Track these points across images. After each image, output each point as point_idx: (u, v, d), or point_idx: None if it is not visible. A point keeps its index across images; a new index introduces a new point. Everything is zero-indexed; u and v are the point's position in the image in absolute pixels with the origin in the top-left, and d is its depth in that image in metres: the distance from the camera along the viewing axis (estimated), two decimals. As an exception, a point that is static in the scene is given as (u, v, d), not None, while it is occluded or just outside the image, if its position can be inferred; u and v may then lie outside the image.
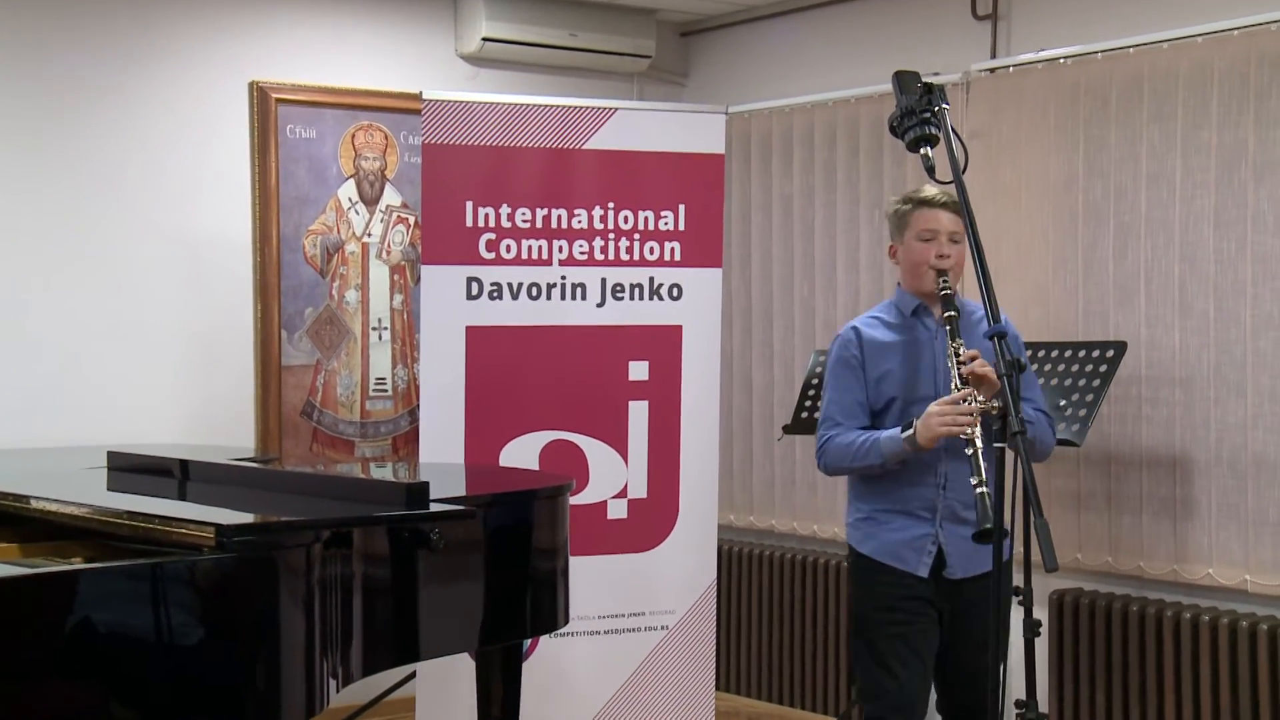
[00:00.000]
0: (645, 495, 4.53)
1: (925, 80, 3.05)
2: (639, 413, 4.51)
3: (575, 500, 3.87)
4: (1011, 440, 2.69)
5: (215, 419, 4.89)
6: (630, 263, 4.50)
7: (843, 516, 5.09)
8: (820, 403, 3.65)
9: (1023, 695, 2.86)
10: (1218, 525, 4.18)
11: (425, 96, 4.34)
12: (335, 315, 5.12)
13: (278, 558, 2.54)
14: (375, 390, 5.21)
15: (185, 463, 3.46)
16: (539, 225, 4.43)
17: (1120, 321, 4.39)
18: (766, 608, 5.38)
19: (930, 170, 2.97)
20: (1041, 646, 4.36)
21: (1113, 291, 4.41)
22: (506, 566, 3.24)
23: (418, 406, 4.79)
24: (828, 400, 3.55)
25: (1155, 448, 4.32)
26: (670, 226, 4.53)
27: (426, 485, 2.97)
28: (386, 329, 5.21)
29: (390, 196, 5.23)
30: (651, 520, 4.53)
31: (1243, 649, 4.04)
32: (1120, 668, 4.30)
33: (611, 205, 4.48)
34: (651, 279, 4.53)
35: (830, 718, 5.14)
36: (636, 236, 4.50)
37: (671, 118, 4.59)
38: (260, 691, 2.51)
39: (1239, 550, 4.14)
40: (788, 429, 4.87)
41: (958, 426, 3.21)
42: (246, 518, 2.76)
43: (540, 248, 4.43)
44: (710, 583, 4.63)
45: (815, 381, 4.71)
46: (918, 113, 3.00)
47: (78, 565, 2.63)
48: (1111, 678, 4.32)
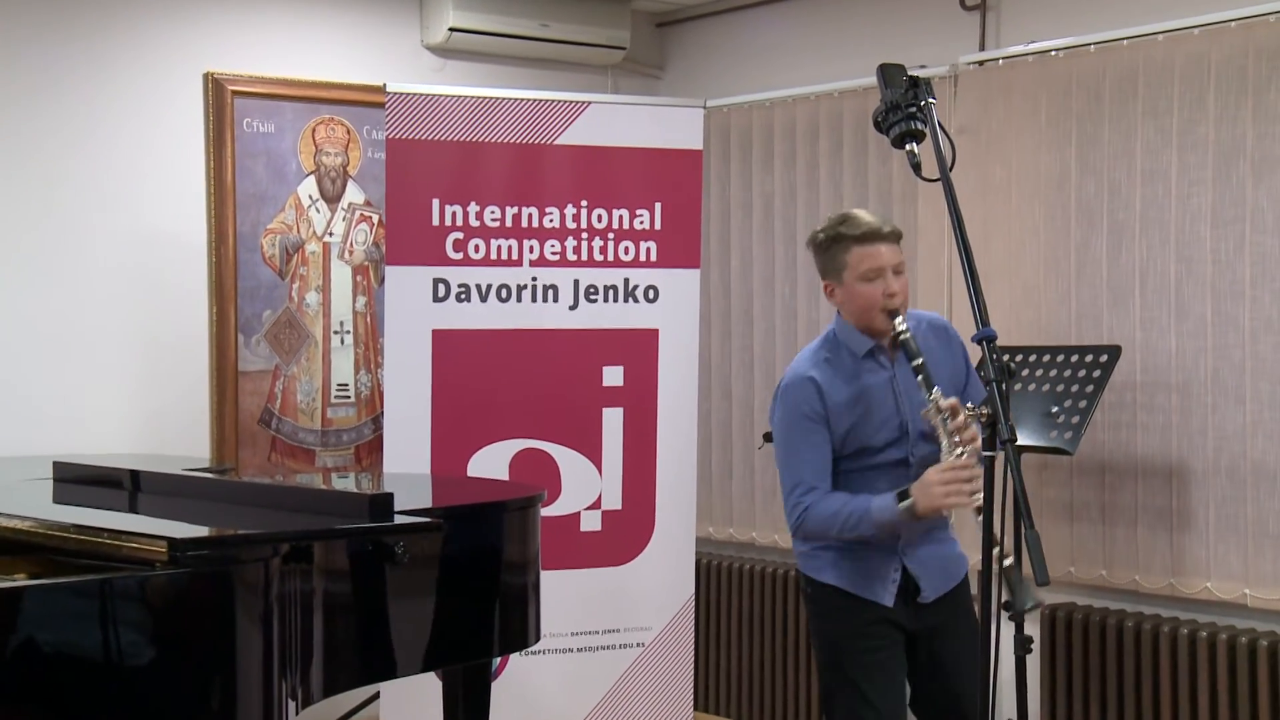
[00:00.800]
0: (620, 506, 4.53)
1: (911, 73, 3.05)
2: (614, 420, 4.52)
3: (547, 512, 3.85)
4: (1002, 448, 2.69)
5: (168, 427, 4.87)
6: (604, 263, 4.51)
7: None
8: (780, 464, 3.42)
9: (1014, 715, 2.87)
10: (1216, 537, 4.21)
11: (389, 89, 4.34)
12: (295, 318, 5.10)
13: (234, 573, 2.54)
14: (337, 397, 5.20)
15: (136, 473, 3.45)
16: (509, 224, 4.43)
17: (1114, 324, 4.41)
18: (747, 624, 5.38)
19: (916, 168, 2.98)
20: (1033, 664, 4.38)
21: (1106, 293, 4.43)
22: (475, 582, 3.24)
23: (382, 414, 4.78)
24: (797, 461, 3.35)
25: (1151, 456, 4.35)
26: (646, 226, 4.54)
27: (391, 497, 2.97)
28: (349, 333, 5.20)
29: (353, 194, 5.22)
30: (626, 533, 4.54)
31: (1242, 666, 4.05)
32: (1115, 686, 4.32)
33: (585, 203, 4.49)
34: (626, 280, 4.54)
35: (814, 739, 5.15)
36: (611, 236, 4.51)
37: (647, 112, 4.61)
38: (215, 714, 2.50)
39: (1238, 563, 4.16)
40: (768, 437, 4.85)
41: (968, 498, 3.08)
42: (201, 531, 2.76)
43: (510, 248, 4.44)
44: (688, 598, 4.64)
45: (798, 387, 4.70)
46: (903, 107, 3.01)
47: (21, 581, 2.61)
48: (1106, 697, 4.33)
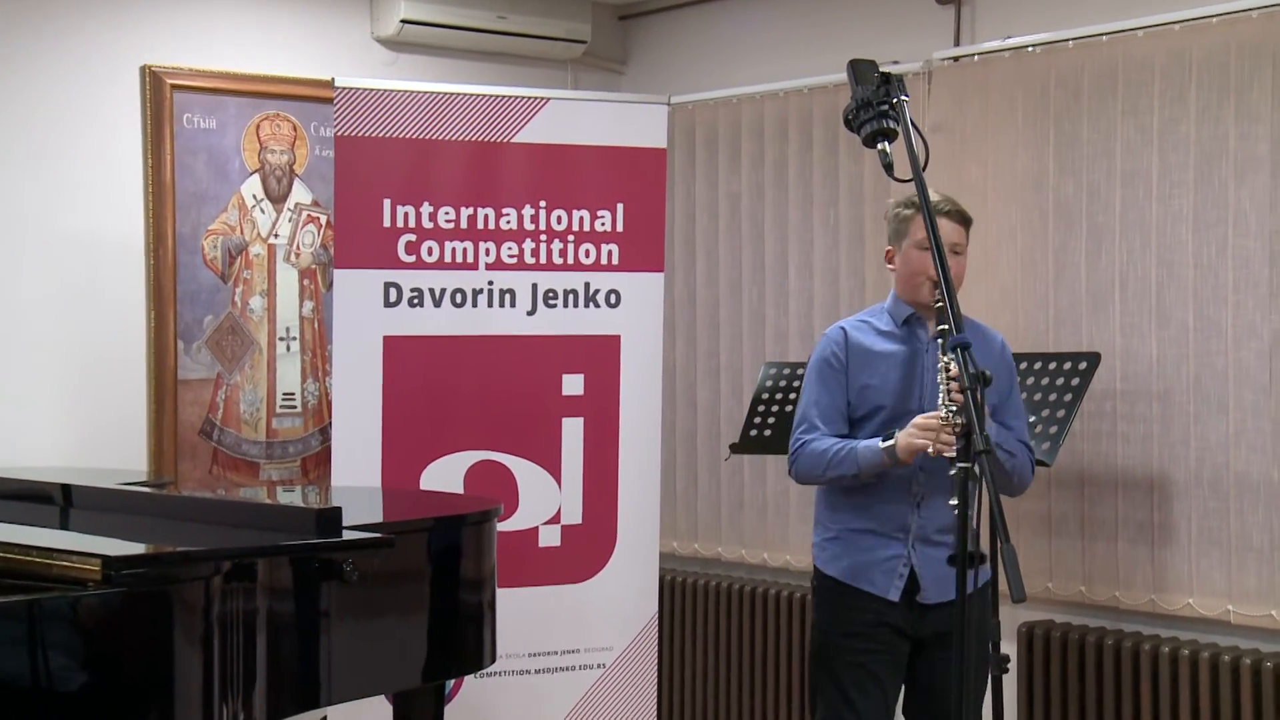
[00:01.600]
0: (580, 521, 4.53)
1: (883, 69, 3.07)
2: (573, 430, 4.51)
3: (503, 527, 3.86)
4: (976, 459, 2.71)
5: (103, 439, 4.83)
6: (564, 267, 4.50)
7: (795, 543, 5.18)
8: (797, 404, 3.69)
9: (990, 736, 2.88)
10: (1198, 551, 4.24)
11: (338, 84, 4.32)
12: (238, 324, 5.07)
13: (172, 593, 2.53)
14: (283, 407, 5.17)
15: (68, 488, 3.43)
16: (464, 226, 4.42)
17: (1093, 331, 4.44)
18: (713, 643, 5.39)
19: (888, 167, 2.99)
20: (1009, 683, 4.40)
21: (1085, 298, 4.46)
22: (427, 600, 3.24)
23: (330, 424, 4.76)
24: (806, 401, 3.62)
25: (1131, 468, 4.38)
26: (607, 227, 4.54)
27: (339, 511, 2.96)
28: (295, 339, 5.18)
29: (299, 193, 5.20)
30: (587, 548, 4.53)
31: (1225, 684, 4.08)
32: (1094, 706, 4.34)
33: (543, 204, 4.48)
34: (587, 285, 4.53)
35: (782, 763, 5.16)
36: (570, 238, 4.51)
37: (609, 109, 4.61)
38: (152, 741, 2.48)
39: (1221, 578, 4.19)
40: (735, 448, 4.88)
41: (939, 445, 3.23)
42: (136, 548, 2.74)
43: (465, 250, 4.43)
44: (651, 616, 4.64)
45: (765, 396, 4.72)
46: (875, 105, 3.02)
47: (-54, 603, 2.58)
48: (1085, 716, 4.36)
